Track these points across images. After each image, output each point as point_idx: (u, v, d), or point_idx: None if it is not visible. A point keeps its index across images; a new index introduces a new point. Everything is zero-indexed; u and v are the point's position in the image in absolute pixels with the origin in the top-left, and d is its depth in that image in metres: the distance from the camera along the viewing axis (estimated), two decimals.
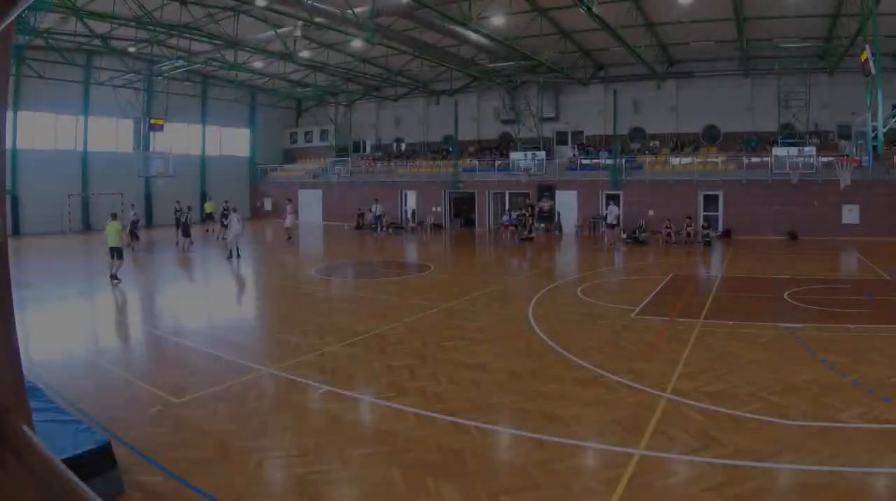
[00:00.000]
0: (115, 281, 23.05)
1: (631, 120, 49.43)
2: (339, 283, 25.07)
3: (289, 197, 47.22)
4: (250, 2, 32.63)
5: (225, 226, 38.35)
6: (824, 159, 38.80)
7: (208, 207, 45.76)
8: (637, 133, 50.03)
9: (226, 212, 40.62)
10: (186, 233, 34.89)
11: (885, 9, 29.01)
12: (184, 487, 7.76)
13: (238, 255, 30.45)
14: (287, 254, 33.44)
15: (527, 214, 43.47)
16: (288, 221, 39.90)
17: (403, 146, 61.17)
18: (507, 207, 49.14)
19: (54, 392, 10.73)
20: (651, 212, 43.39)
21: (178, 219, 35.76)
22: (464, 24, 32.48)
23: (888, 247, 34.24)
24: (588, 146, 50.32)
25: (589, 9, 28.38)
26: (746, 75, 45.18)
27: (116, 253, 23.31)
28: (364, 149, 62.83)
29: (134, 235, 34.04)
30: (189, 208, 37.19)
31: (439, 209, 52.35)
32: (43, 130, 47.20)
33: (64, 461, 5.04)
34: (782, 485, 7.86)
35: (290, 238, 38.89)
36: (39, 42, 38.99)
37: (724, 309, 18.74)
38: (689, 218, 40.30)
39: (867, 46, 23.11)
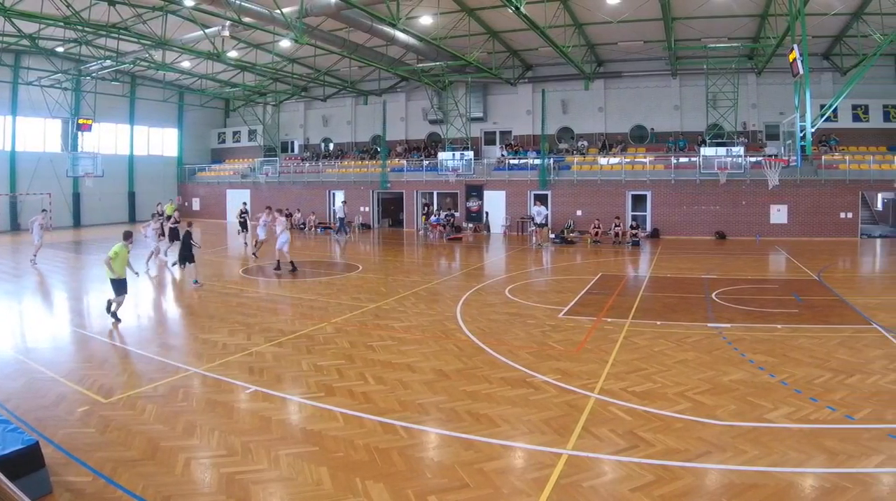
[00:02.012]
0: (115, 320, 17.08)
1: (559, 120, 49.84)
2: (267, 283, 24.63)
3: (268, 204, 39.83)
4: (178, 2, 32.04)
5: (245, 230, 37.39)
6: (752, 159, 39.34)
7: (168, 209, 42.16)
8: (565, 133, 50.39)
9: (244, 214, 39.03)
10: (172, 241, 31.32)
11: (812, 9, 29.45)
12: (112, 487, 7.73)
13: (293, 268, 26.55)
14: (211, 254, 32.71)
15: (426, 214, 43.88)
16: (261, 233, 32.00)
17: (331, 146, 61.06)
18: (435, 207, 49.09)
19: None
20: (579, 212, 43.68)
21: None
22: (392, 24, 32.30)
23: (816, 246, 34.85)
24: (516, 146, 50.51)
25: (517, 8, 28.29)
26: (674, 75, 45.76)
27: (116, 286, 17.17)
28: (292, 149, 62.73)
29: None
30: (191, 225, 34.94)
31: (367, 209, 52.08)
32: None
33: None
34: (710, 485, 7.88)
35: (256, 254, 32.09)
36: None
37: (653, 308, 18.84)
38: (618, 218, 40.58)
39: (795, 46, 23.30)
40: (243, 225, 37.75)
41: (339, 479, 7.95)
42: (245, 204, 41.63)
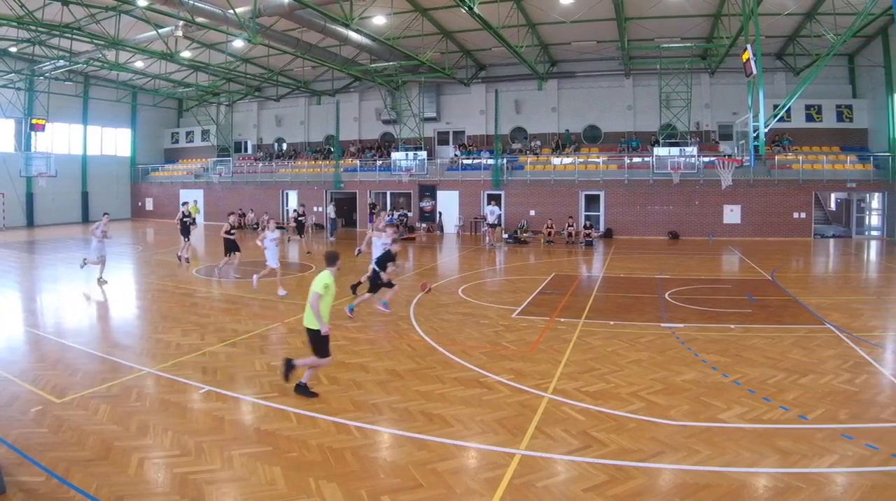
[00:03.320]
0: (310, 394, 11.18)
1: (512, 120, 50.12)
2: (220, 283, 24.30)
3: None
4: (131, 2, 31.79)
5: (301, 234, 34.49)
6: (705, 159, 39.65)
7: (192, 210, 34.04)
8: (518, 133, 50.63)
9: (302, 214, 35.05)
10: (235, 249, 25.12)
11: (766, 8, 29.67)
12: (65, 487, 7.66)
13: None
14: (164, 254, 32.30)
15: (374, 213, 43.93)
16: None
17: (285, 146, 60.96)
18: (388, 206, 48.95)
19: None
20: (533, 212, 43.75)
21: (185, 225, 30.08)
22: (345, 25, 32.24)
23: (769, 246, 35.17)
24: (469, 146, 50.59)
25: (470, 8, 28.26)
26: (628, 75, 46.09)
27: (316, 342, 11.44)
28: (245, 149, 62.43)
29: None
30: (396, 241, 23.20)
31: (320, 209, 51.73)
32: None
33: None
34: (664, 485, 7.88)
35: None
36: None
37: (606, 308, 18.85)
38: (571, 217, 40.70)
39: (749, 46, 23.48)
40: (300, 227, 34.89)
41: (293, 479, 7.91)
42: (303, 205, 38.66)
